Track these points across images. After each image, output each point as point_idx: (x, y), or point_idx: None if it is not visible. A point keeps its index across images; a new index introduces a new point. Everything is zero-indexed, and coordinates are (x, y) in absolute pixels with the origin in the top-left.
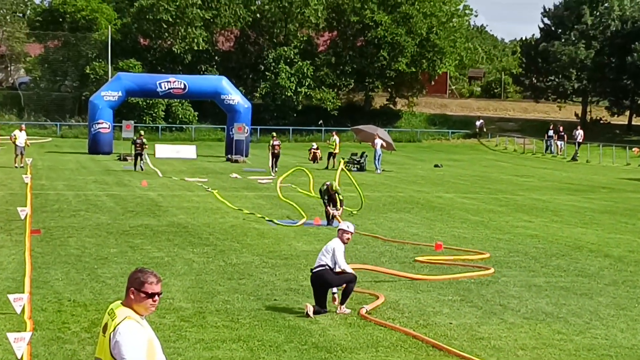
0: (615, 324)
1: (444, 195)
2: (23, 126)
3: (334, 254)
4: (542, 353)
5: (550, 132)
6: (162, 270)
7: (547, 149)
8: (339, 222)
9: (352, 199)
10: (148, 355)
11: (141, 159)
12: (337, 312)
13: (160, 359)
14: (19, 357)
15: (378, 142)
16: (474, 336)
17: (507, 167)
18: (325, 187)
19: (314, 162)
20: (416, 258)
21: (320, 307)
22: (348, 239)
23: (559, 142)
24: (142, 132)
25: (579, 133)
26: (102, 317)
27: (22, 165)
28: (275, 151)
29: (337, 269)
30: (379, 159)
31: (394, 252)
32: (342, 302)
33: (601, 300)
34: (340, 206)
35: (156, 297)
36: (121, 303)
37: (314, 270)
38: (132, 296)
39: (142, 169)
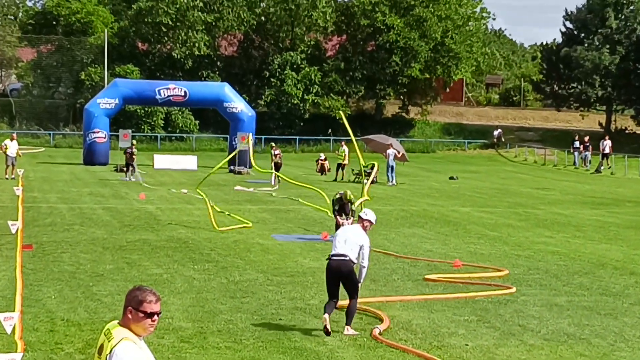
0: None
1: (460, 209)
2: (14, 135)
3: (362, 249)
4: None
5: (576, 143)
6: (161, 288)
7: (574, 162)
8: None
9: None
10: None
11: (133, 170)
12: (345, 333)
13: None
14: None
15: (391, 152)
16: (491, 359)
17: (527, 180)
18: (338, 195)
19: (321, 174)
20: (426, 276)
21: (332, 297)
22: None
23: (585, 154)
24: (133, 142)
25: (607, 144)
26: (98, 338)
27: (13, 176)
28: (277, 160)
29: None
30: (392, 170)
31: (406, 269)
32: (348, 322)
33: (626, 320)
34: (352, 216)
35: (155, 317)
36: (118, 323)
37: (336, 258)
38: (129, 316)
39: (130, 180)
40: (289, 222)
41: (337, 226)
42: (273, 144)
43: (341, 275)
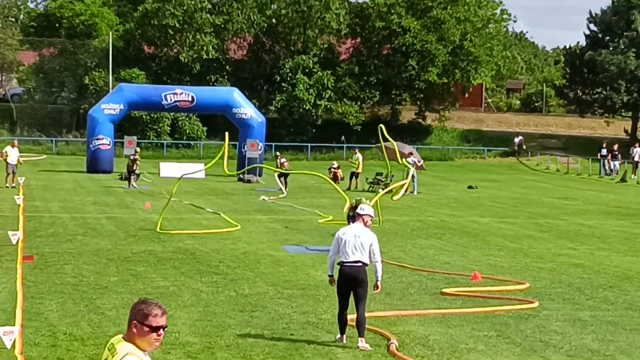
0: None
1: (479, 220)
2: (15, 142)
3: (371, 247)
4: None
5: (603, 151)
6: (167, 301)
7: (601, 171)
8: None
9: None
10: None
11: (135, 177)
12: (360, 346)
13: None
14: None
15: (411, 160)
16: None
17: (549, 189)
18: (354, 202)
19: (334, 183)
20: (443, 290)
21: (344, 307)
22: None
23: (614, 163)
24: (137, 150)
25: (637, 151)
26: (102, 353)
27: (13, 185)
28: (285, 168)
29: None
30: (413, 180)
31: (423, 282)
32: (361, 334)
33: None
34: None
35: (161, 331)
36: (122, 337)
37: (350, 264)
38: (134, 330)
39: (133, 188)
40: (301, 232)
41: None
42: (278, 153)
43: (357, 283)
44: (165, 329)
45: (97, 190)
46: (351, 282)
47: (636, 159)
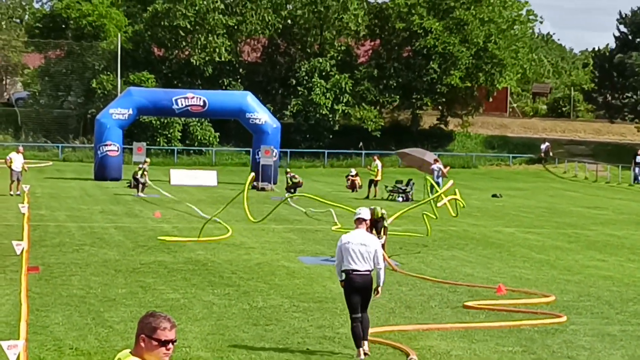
0: None
1: (504, 230)
2: (20, 148)
3: (376, 255)
4: None
5: (638, 158)
6: (177, 314)
7: (635, 179)
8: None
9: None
10: None
11: (142, 187)
12: (365, 350)
13: None
14: None
15: (436, 167)
16: None
17: (577, 198)
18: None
19: (352, 191)
20: (465, 303)
21: (356, 312)
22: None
23: None
24: (147, 159)
25: None
26: None
27: (18, 192)
28: (296, 180)
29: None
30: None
31: (444, 295)
32: (365, 337)
33: None
34: (384, 234)
35: (170, 345)
36: (130, 352)
37: (359, 273)
38: (142, 344)
39: (140, 196)
40: (317, 243)
41: None
42: (288, 169)
43: (368, 291)
44: (175, 343)
45: (105, 198)
46: (362, 290)
47: None
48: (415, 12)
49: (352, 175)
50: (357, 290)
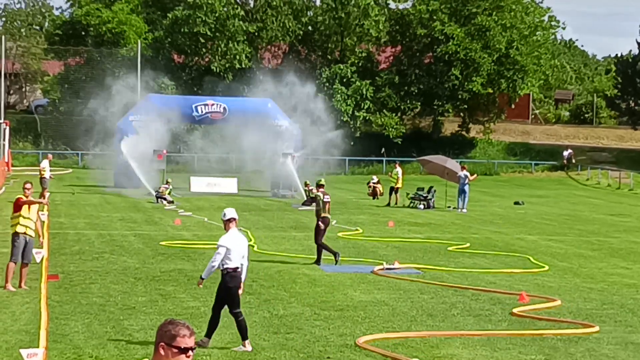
0: None
1: (526, 238)
2: (50, 156)
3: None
4: None
5: None
6: (197, 322)
7: None
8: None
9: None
10: None
11: (166, 203)
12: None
13: None
14: None
15: (463, 175)
16: None
17: (600, 205)
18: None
19: (373, 198)
20: (513, 311)
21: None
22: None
23: None
24: (169, 180)
25: None
26: None
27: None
28: (313, 195)
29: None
30: (464, 196)
31: (466, 302)
32: (244, 338)
33: None
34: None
35: (190, 353)
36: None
37: (240, 271)
38: (162, 352)
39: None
40: (338, 250)
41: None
42: (307, 181)
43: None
44: (194, 351)
45: (125, 206)
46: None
47: None
48: (436, 18)
49: (374, 183)
50: (238, 287)
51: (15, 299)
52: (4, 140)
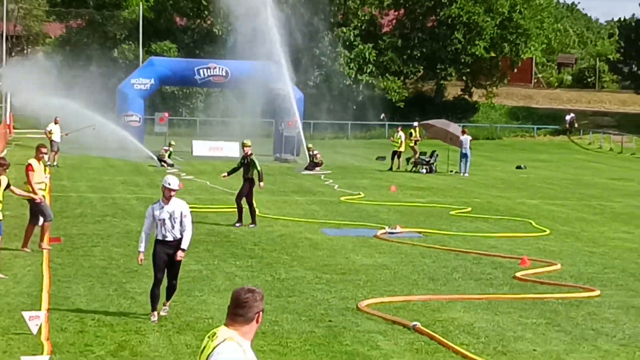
0: None
1: (528, 202)
2: (58, 118)
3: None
4: None
5: None
6: (200, 286)
7: None
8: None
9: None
10: None
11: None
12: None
13: None
14: None
15: (465, 139)
16: None
17: (602, 169)
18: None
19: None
20: (516, 274)
21: None
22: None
23: None
24: (172, 142)
25: None
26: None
27: (56, 164)
28: (317, 161)
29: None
30: (466, 160)
31: (468, 267)
32: (168, 298)
33: None
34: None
35: (261, 316)
36: (225, 324)
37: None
38: (260, 320)
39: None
40: (340, 215)
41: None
42: (310, 145)
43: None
44: (262, 313)
45: (127, 169)
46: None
47: None
48: None
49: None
50: (168, 255)
51: (17, 261)
52: (5, 102)
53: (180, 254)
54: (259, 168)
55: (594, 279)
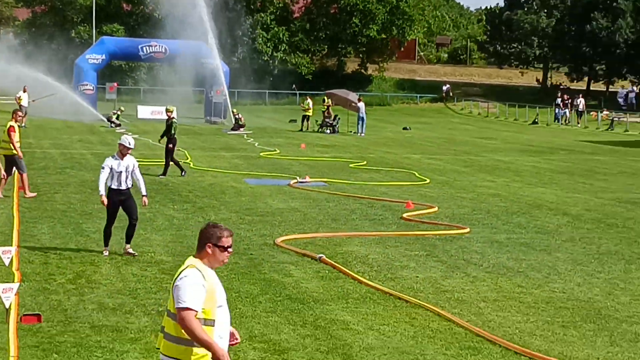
0: (572, 278)
1: (412, 156)
2: (26, 87)
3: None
4: (503, 305)
5: (558, 100)
6: (144, 226)
7: (555, 119)
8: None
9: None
10: (207, 302)
11: (118, 126)
12: (125, 252)
13: (221, 310)
14: (7, 306)
15: (362, 105)
16: (438, 289)
17: (472, 130)
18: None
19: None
20: (403, 216)
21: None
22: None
23: (564, 111)
24: (122, 108)
25: (580, 101)
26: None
27: (24, 125)
28: (241, 123)
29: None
30: (362, 122)
31: (364, 209)
32: (129, 239)
33: (559, 255)
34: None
35: (230, 249)
36: (193, 256)
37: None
38: (209, 250)
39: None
40: (260, 167)
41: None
42: (234, 110)
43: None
44: (232, 249)
45: (83, 129)
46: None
47: (580, 108)
48: None
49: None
50: (120, 201)
51: None
52: None
53: (145, 200)
54: (173, 131)
55: (465, 219)
